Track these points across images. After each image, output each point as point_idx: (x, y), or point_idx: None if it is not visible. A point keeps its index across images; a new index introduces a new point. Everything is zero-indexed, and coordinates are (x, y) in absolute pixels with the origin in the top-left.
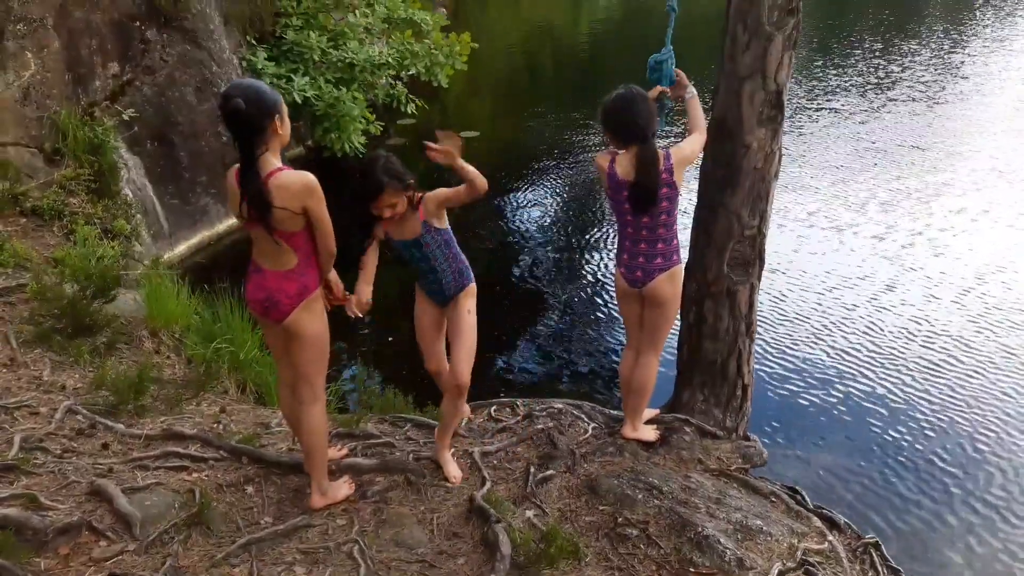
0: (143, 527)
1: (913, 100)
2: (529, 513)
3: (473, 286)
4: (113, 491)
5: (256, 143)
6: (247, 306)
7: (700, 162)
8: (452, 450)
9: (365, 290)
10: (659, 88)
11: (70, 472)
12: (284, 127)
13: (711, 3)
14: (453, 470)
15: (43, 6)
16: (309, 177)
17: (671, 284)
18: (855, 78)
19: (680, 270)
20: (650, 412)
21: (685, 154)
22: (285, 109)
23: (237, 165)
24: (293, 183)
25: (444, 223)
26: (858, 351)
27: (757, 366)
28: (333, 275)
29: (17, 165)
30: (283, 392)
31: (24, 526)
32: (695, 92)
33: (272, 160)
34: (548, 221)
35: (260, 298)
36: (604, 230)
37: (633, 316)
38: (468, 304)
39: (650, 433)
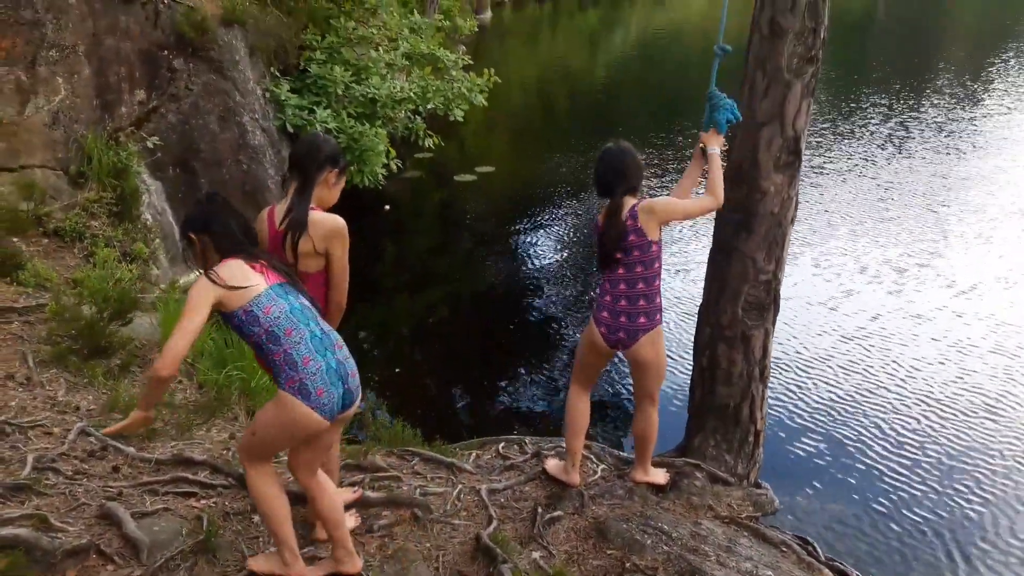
0: (150, 553)
1: (933, 149)
2: (536, 554)
3: None
4: (122, 515)
5: (314, 178)
6: None
7: None
8: (460, 486)
9: None
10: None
11: (80, 494)
12: (336, 188)
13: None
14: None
15: (76, 34)
16: (340, 221)
17: (653, 348)
18: (873, 125)
19: (661, 331)
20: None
21: (658, 207)
22: (344, 177)
23: (272, 204)
24: (325, 222)
25: None
26: (873, 400)
27: (769, 412)
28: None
29: (43, 186)
30: None
31: (34, 547)
32: (719, 152)
33: (311, 201)
34: (561, 258)
35: None
36: None
37: (594, 369)
38: None
39: (660, 476)
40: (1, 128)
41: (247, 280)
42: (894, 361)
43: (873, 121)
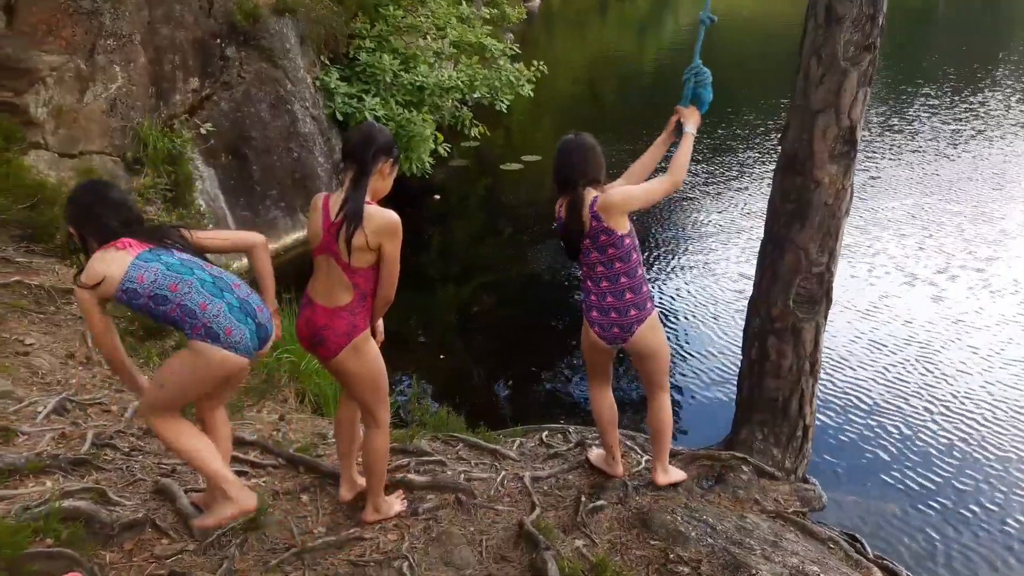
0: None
1: (992, 139)
2: (578, 542)
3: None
4: (176, 491)
5: (369, 169)
6: (298, 340)
7: (768, 195)
8: (503, 472)
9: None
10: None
11: (137, 470)
12: (389, 178)
13: (781, 43)
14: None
15: (133, 23)
16: (395, 217)
17: (653, 333)
18: (931, 114)
19: (656, 317)
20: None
21: (615, 201)
22: (397, 167)
23: (325, 194)
24: (380, 216)
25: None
26: (925, 396)
27: (819, 406)
28: (379, 324)
29: (100, 172)
30: (346, 406)
31: (93, 519)
32: (694, 132)
33: (366, 193)
34: None
35: (306, 335)
36: (661, 258)
37: (601, 366)
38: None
39: (679, 474)
40: (62, 115)
41: (111, 265)
42: (947, 358)
43: (930, 114)
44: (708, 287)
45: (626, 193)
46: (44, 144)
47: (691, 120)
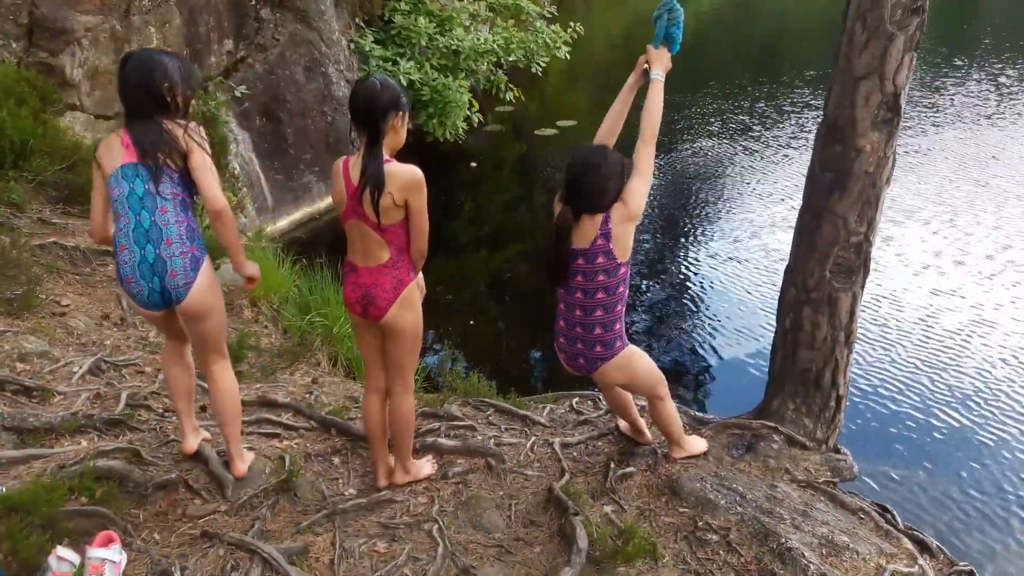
0: (235, 489)
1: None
2: (607, 508)
3: None
4: (209, 453)
5: (380, 129)
6: (347, 310)
7: (808, 165)
8: (533, 438)
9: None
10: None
11: (170, 431)
12: (402, 130)
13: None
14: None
15: None
16: (417, 172)
17: (621, 372)
18: (978, 83)
19: (629, 354)
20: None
21: (633, 206)
22: (408, 115)
23: (344, 158)
24: (402, 174)
25: None
26: (962, 369)
27: (852, 377)
28: (419, 278)
29: None
30: (370, 399)
31: (127, 478)
32: (663, 78)
33: (383, 153)
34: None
35: (358, 296)
36: (697, 226)
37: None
38: None
39: (701, 445)
40: (97, 77)
41: (106, 156)
42: (983, 331)
43: (975, 76)
44: (744, 257)
45: (636, 194)
46: (80, 105)
47: (660, 63)
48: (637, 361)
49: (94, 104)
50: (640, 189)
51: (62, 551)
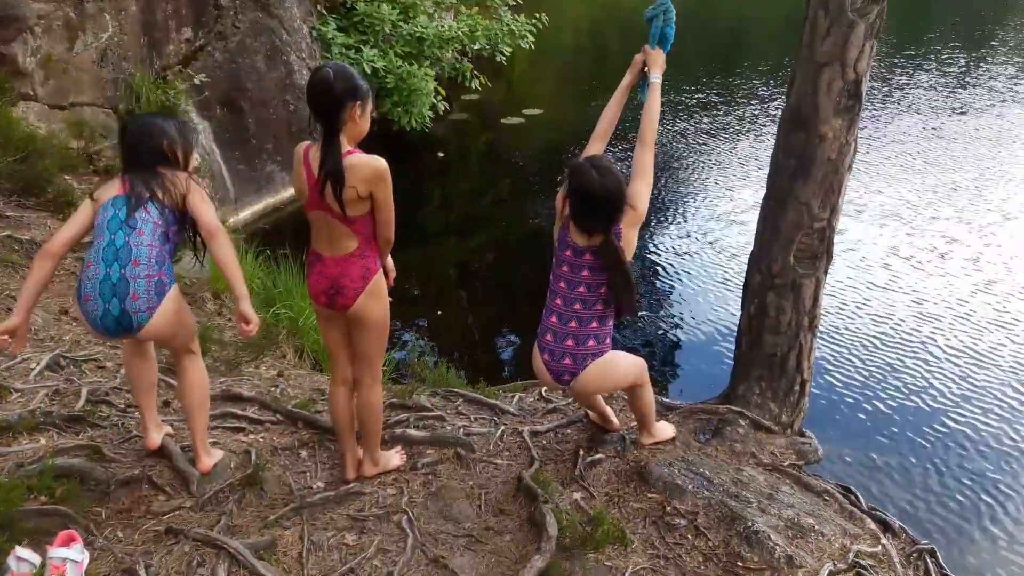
0: (200, 485)
1: (997, 99)
2: (576, 495)
3: None
4: (173, 448)
5: (337, 120)
6: (312, 301)
7: (771, 151)
8: (503, 427)
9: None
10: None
11: (133, 427)
12: (363, 118)
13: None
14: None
15: None
16: (381, 162)
17: (606, 367)
18: (936, 71)
19: (611, 358)
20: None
21: (640, 206)
22: (371, 104)
23: (307, 144)
24: (365, 166)
25: None
26: (923, 353)
27: (816, 362)
28: (388, 262)
29: (92, 124)
30: (337, 391)
31: (88, 476)
32: (660, 81)
33: (344, 143)
34: None
35: (324, 287)
36: (662, 214)
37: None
38: None
39: (669, 431)
40: (51, 65)
41: (106, 190)
42: (943, 313)
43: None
44: (708, 243)
45: (642, 196)
46: (34, 95)
47: (657, 65)
48: (622, 357)
49: (48, 94)
50: (645, 192)
51: (21, 551)
